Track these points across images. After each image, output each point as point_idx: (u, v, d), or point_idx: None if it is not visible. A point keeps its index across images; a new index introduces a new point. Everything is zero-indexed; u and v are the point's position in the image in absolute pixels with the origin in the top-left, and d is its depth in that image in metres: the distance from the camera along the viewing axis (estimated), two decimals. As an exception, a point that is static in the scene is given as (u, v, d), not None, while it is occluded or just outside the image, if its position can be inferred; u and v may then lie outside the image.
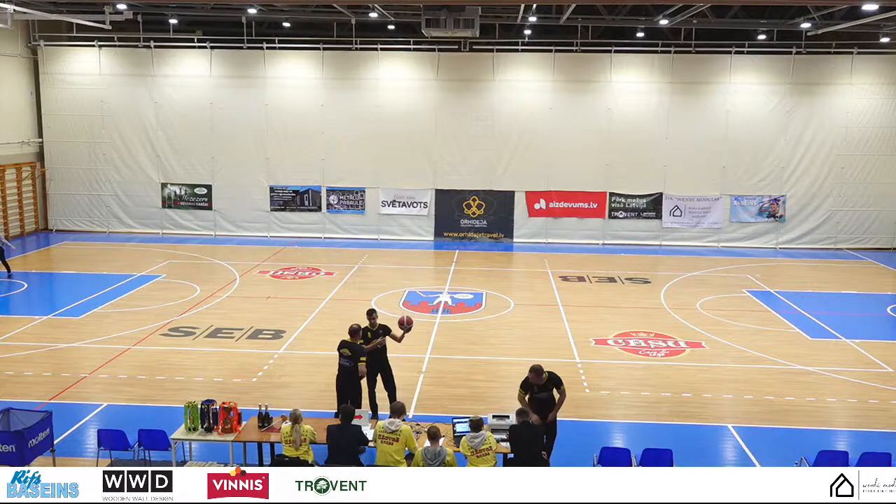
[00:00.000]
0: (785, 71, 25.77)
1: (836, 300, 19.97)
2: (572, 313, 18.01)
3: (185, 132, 26.96)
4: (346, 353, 11.01)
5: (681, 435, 11.51)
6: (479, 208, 27.06)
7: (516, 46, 26.42)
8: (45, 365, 14.07)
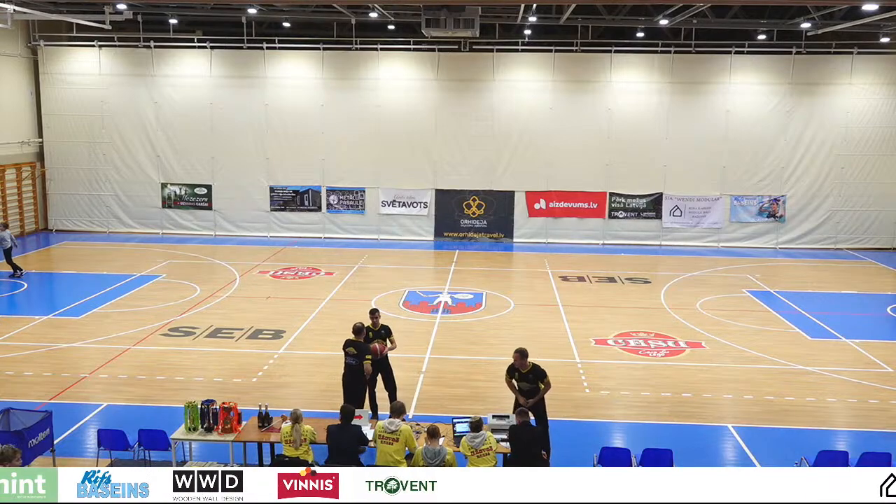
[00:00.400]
0: (785, 71, 25.78)
1: (836, 300, 19.97)
2: (572, 313, 18.02)
3: (185, 132, 26.96)
4: (351, 351, 11.06)
5: (681, 435, 11.51)
6: (479, 208, 27.06)
7: (516, 46, 26.42)
8: (45, 365, 14.08)
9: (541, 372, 10.23)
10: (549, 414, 10.38)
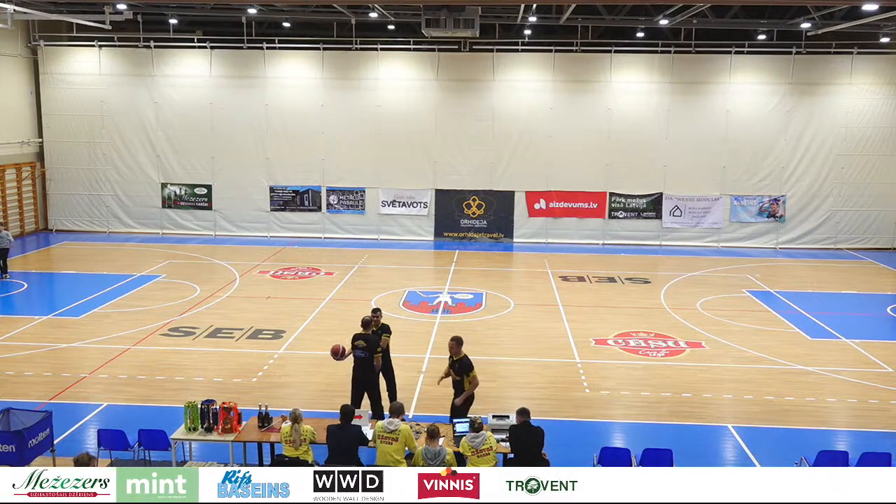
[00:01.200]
0: (785, 71, 25.77)
1: (836, 300, 19.97)
2: (572, 313, 18.01)
3: (185, 132, 26.96)
4: (360, 344, 11.14)
5: (681, 435, 11.51)
6: (479, 208, 27.06)
7: (516, 46, 26.41)
8: (45, 365, 14.07)
9: (467, 365, 10.43)
10: (549, 414, 10.39)
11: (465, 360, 10.51)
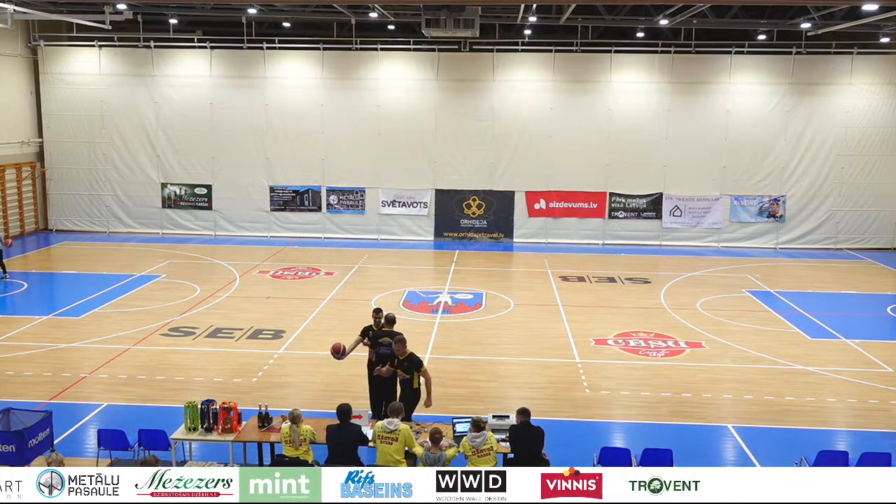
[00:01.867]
0: (785, 71, 25.77)
1: (836, 300, 19.96)
2: (572, 313, 18.01)
3: (185, 132, 26.96)
4: (386, 340, 11.13)
5: (681, 435, 11.51)
6: (479, 208, 27.06)
7: (516, 46, 26.41)
8: (45, 365, 14.07)
9: (417, 361, 10.45)
10: (549, 414, 10.38)
11: (413, 356, 10.54)
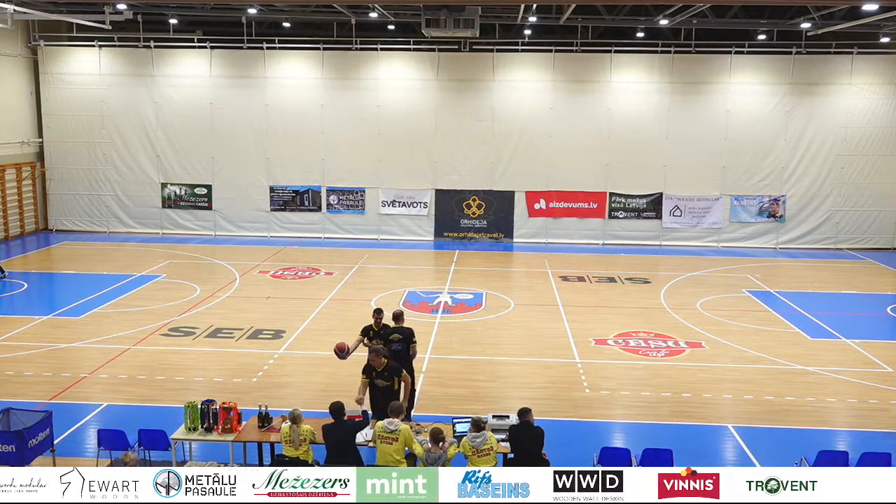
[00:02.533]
0: (785, 71, 25.77)
1: (836, 300, 19.96)
2: (572, 313, 18.01)
3: (185, 132, 26.96)
4: (396, 337, 11.18)
5: (681, 435, 11.50)
6: (479, 208, 27.06)
7: (516, 46, 26.41)
8: (45, 365, 14.07)
9: (395, 368, 10.39)
10: (549, 414, 10.38)
11: (392, 364, 10.42)
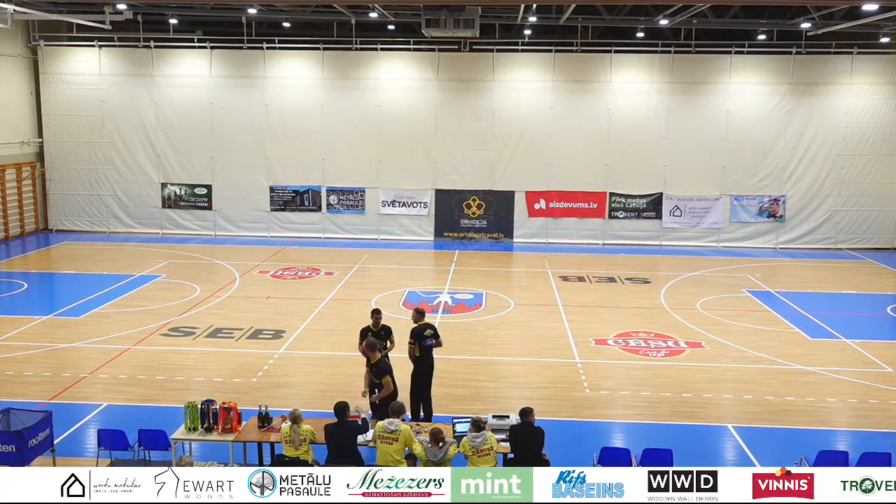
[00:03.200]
0: (785, 71, 25.77)
1: (836, 300, 19.97)
2: (572, 313, 18.01)
3: (185, 132, 26.96)
4: (429, 332, 11.52)
5: (681, 435, 11.51)
6: (479, 208, 27.06)
7: (516, 46, 26.41)
8: (45, 365, 14.07)
9: (384, 368, 10.60)
10: (549, 414, 10.39)
11: (381, 363, 10.66)
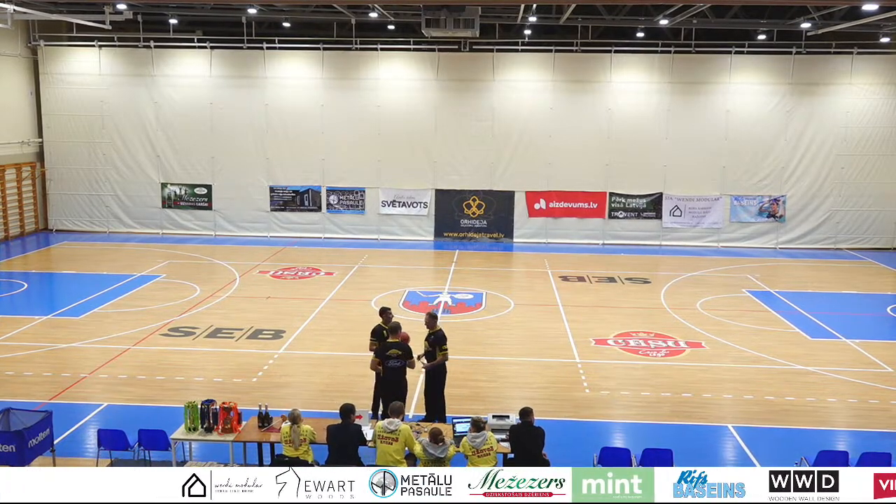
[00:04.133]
0: (785, 71, 25.77)
1: (836, 300, 19.96)
2: (572, 313, 18.01)
3: (185, 132, 26.95)
4: (395, 353, 10.85)
5: (681, 435, 11.51)
6: (479, 208, 27.06)
7: (516, 46, 26.41)
8: (45, 365, 14.07)
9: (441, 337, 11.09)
10: (549, 414, 10.39)
11: (440, 332, 11.16)
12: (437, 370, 11.30)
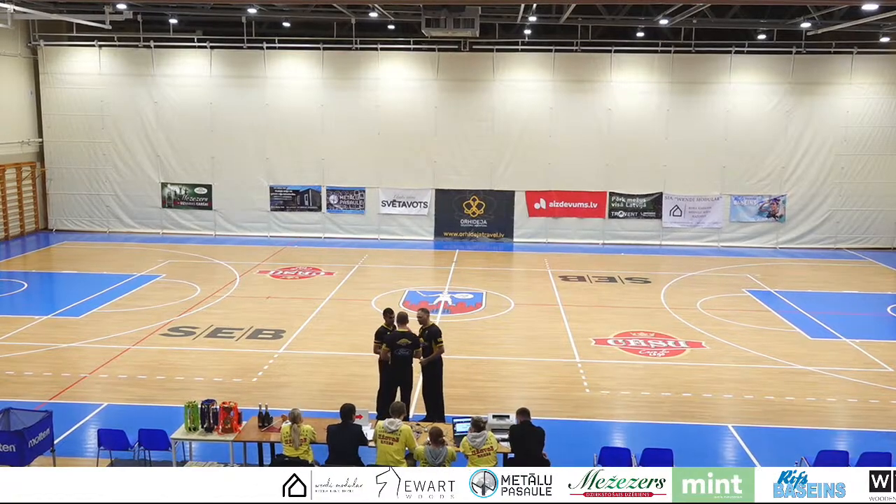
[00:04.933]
0: (785, 71, 25.77)
1: (836, 300, 19.96)
2: (572, 313, 18.01)
3: (185, 132, 26.95)
4: (405, 342, 11.09)
5: (681, 435, 11.51)
6: (479, 208, 27.06)
7: (516, 46, 26.41)
8: (45, 365, 14.07)
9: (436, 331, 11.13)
10: (549, 414, 10.40)
11: (434, 327, 11.21)
12: (434, 365, 11.33)
